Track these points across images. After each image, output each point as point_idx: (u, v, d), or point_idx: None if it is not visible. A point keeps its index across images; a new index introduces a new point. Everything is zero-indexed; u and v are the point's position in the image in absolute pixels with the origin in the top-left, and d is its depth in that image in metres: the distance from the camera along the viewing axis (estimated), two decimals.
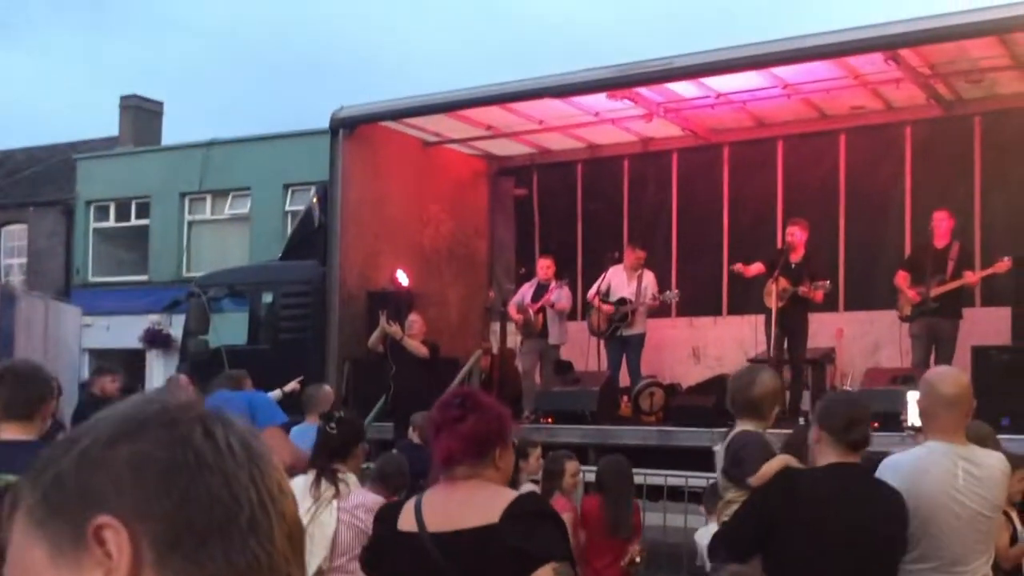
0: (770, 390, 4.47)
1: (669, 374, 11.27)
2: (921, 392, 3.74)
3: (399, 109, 11.51)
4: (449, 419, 2.82)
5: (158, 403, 0.99)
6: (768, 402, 4.45)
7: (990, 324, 9.34)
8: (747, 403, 4.45)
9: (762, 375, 4.62)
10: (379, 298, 11.34)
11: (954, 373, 3.81)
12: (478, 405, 2.85)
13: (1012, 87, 10.09)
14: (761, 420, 4.45)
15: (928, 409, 3.73)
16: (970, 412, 3.84)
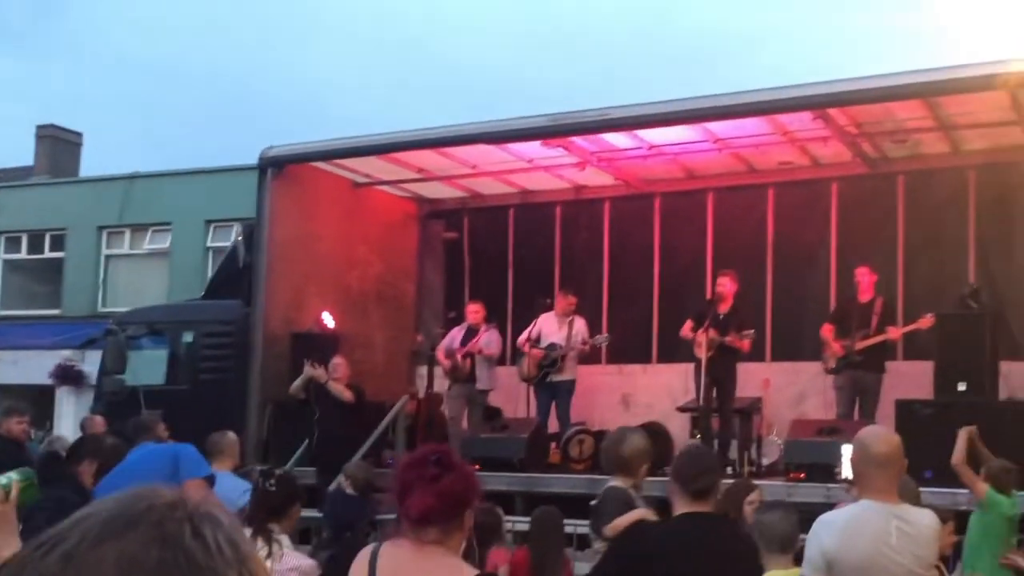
0: (639, 450, 4.97)
1: (599, 421, 11.33)
2: (854, 451, 3.83)
3: (330, 150, 11.51)
4: (424, 477, 2.81)
5: (146, 500, 0.96)
6: (636, 461, 4.94)
7: (913, 378, 9.61)
8: (617, 461, 4.95)
9: (632, 436, 5.16)
10: (304, 340, 11.25)
11: (885, 434, 3.91)
12: (453, 465, 2.86)
13: (935, 148, 10.49)
14: (630, 477, 4.94)
15: (861, 468, 3.81)
16: (902, 471, 3.93)
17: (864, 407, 9.64)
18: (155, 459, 5.08)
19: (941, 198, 10.71)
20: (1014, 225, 10.21)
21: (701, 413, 9.92)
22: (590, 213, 12.48)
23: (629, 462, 4.95)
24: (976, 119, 9.72)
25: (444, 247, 13.36)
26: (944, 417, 8.06)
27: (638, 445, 4.99)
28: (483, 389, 11.31)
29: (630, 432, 5.34)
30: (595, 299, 12.08)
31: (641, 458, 4.97)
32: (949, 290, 9.71)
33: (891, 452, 3.75)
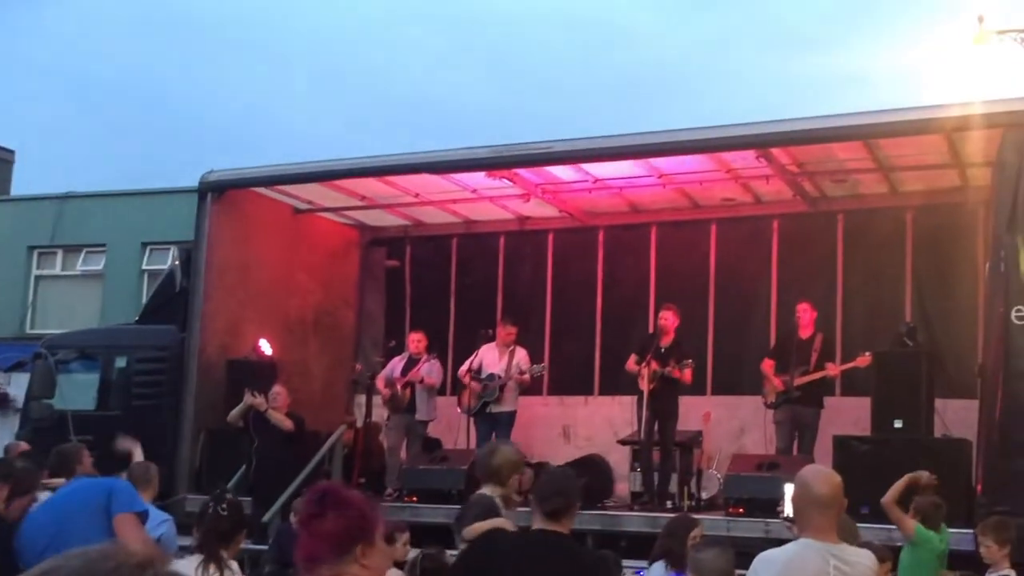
0: (509, 461, 5.35)
1: (539, 453, 11.36)
2: (796, 490, 3.88)
3: (272, 176, 11.48)
4: (308, 516, 2.74)
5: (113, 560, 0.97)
6: (506, 471, 5.30)
7: (850, 413, 9.81)
8: (488, 470, 5.33)
9: (505, 448, 5.60)
10: (240, 367, 11.16)
11: (827, 474, 3.95)
12: (339, 501, 2.76)
13: (874, 188, 10.78)
14: (500, 486, 5.28)
15: (801, 507, 3.86)
16: (842, 511, 3.98)
17: (802, 442, 9.81)
18: (88, 493, 5.01)
19: (879, 237, 10.99)
20: (949, 265, 10.49)
21: (642, 446, 10.01)
22: (534, 244, 12.57)
23: (499, 472, 5.28)
24: (914, 161, 10.02)
25: (386, 275, 13.36)
26: (880, 453, 8.25)
27: (509, 457, 5.37)
28: (423, 420, 11.29)
29: (503, 445, 5.85)
30: (538, 330, 12.15)
31: (511, 469, 5.32)
32: (887, 328, 9.93)
33: (832, 493, 3.81)
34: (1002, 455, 7.69)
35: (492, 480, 5.30)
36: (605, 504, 10.00)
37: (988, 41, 13.09)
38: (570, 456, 11.29)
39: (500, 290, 12.65)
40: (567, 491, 4.29)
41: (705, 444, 10.56)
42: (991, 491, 7.65)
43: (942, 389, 9.39)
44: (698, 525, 6.05)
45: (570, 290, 12.29)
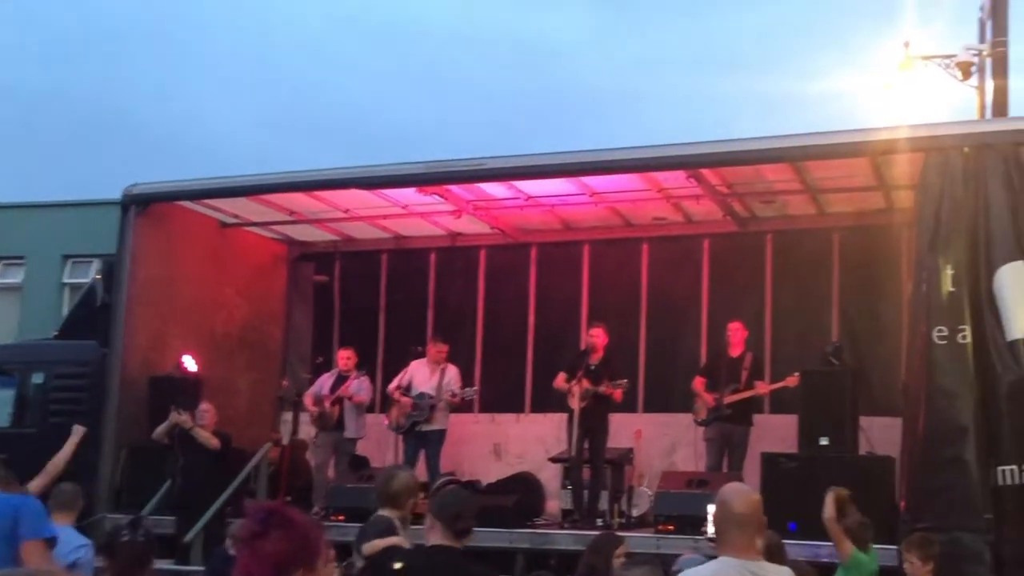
0: (406, 486, 5.69)
1: (469, 471, 11.40)
2: (716, 508, 3.93)
3: (198, 190, 11.39)
4: (249, 535, 2.69)
5: None
6: (404, 496, 5.63)
7: (778, 431, 10.02)
8: (387, 495, 5.65)
9: (400, 474, 5.94)
10: (164, 384, 11.05)
11: (746, 492, 4.01)
12: (283, 521, 2.71)
13: (802, 209, 11.05)
14: (398, 509, 5.60)
15: (721, 525, 3.90)
16: (762, 529, 4.05)
17: (732, 459, 10.00)
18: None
19: (807, 258, 11.26)
20: (875, 285, 10.79)
21: (572, 464, 10.09)
22: (465, 261, 12.63)
23: (397, 497, 5.62)
24: (840, 183, 10.31)
25: (314, 291, 13.31)
26: (807, 470, 8.44)
27: (407, 483, 5.73)
28: (351, 437, 11.25)
29: (399, 470, 6.27)
30: (469, 347, 12.20)
31: (408, 494, 5.67)
32: (815, 346, 10.17)
33: (750, 511, 3.85)
34: (924, 472, 7.91)
35: (390, 504, 5.63)
36: (536, 522, 10.06)
37: (913, 67, 13.50)
38: (501, 474, 11.36)
39: (431, 306, 12.68)
40: (471, 511, 4.60)
41: (636, 461, 10.69)
42: (914, 508, 7.87)
43: (867, 407, 9.64)
44: (623, 543, 6.13)
45: (502, 307, 12.37)
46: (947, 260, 8.03)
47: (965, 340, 7.87)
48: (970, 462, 7.65)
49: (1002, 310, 7.85)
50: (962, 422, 7.74)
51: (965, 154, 8.23)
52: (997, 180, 8.05)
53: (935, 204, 8.21)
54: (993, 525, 7.56)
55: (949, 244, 8.08)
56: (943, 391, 7.88)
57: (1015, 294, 7.82)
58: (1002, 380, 7.76)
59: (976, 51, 12.94)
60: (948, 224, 8.12)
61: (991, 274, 7.93)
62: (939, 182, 8.23)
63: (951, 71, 13.22)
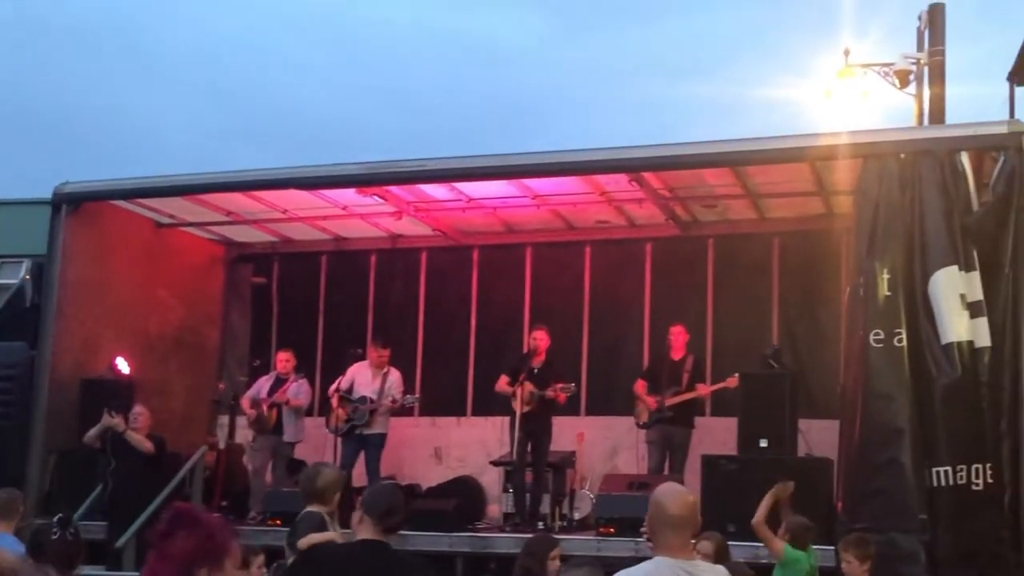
0: (331, 481, 6.02)
1: (409, 474, 11.40)
2: (650, 509, 3.96)
3: (132, 189, 11.25)
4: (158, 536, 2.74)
5: None
6: (330, 491, 5.96)
7: (719, 434, 10.17)
8: (313, 492, 5.96)
9: (325, 470, 6.27)
10: (95, 386, 10.92)
11: (681, 493, 4.05)
12: (190, 522, 2.76)
13: (743, 213, 11.24)
14: (324, 504, 5.93)
15: (656, 527, 3.93)
16: (696, 529, 4.10)
17: (674, 461, 10.12)
18: None
19: (748, 262, 11.44)
20: (814, 289, 10.99)
21: (515, 467, 10.14)
22: (406, 263, 12.63)
23: (323, 493, 5.92)
24: (781, 189, 10.49)
25: (252, 292, 13.20)
26: (746, 472, 8.57)
27: (332, 478, 6.05)
28: (290, 441, 11.19)
29: (323, 467, 6.54)
30: (410, 350, 12.19)
31: (334, 489, 5.99)
32: (756, 350, 10.33)
33: (685, 513, 3.89)
34: (861, 474, 8.07)
35: (317, 500, 5.93)
36: (476, 526, 10.09)
37: (853, 75, 13.76)
38: (442, 478, 11.38)
39: (371, 309, 12.66)
40: (400, 507, 4.77)
41: (578, 464, 10.76)
42: (851, 509, 8.03)
43: (806, 410, 9.83)
44: (557, 545, 6.19)
45: (443, 309, 12.39)
46: (884, 265, 8.20)
47: (901, 344, 8.04)
48: (906, 464, 7.82)
49: (937, 314, 8.04)
50: (898, 424, 7.91)
51: (902, 160, 8.43)
52: (933, 186, 8.25)
53: (872, 210, 8.39)
54: (928, 526, 7.73)
55: (886, 249, 8.25)
56: (879, 394, 8.05)
57: (949, 298, 8.01)
58: (937, 383, 7.94)
59: (914, 59, 13.23)
60: (885, 229, 8.30)
61: (926, 279, 8.12)
62: (876, 188, 8.41)
63: (890, 79, 13.51)
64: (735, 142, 9.46)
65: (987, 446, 7.82)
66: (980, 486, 7.74)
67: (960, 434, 7.86)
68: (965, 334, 7.91)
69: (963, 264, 8.05)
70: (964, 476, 7.76)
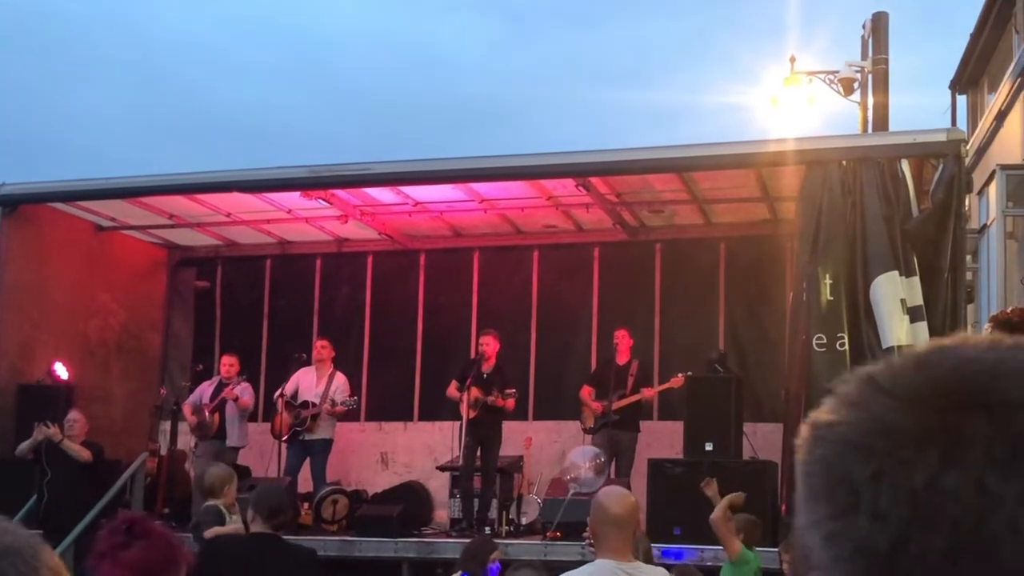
0: (219, 477, 7.06)
1: (355, 480, 11.44)
2: (592, 511, 4.09)
3: (71, 191, 11.17)
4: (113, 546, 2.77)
5: None
6: (219, 485, 6.93)
7: (665, 437, 10.34)
8: (206, 489, 7.05)
9: (212, 469, 7.45)
10: (33, 392, 10.83)
11: (621, 494, 4.17)
12: (146, 532, 2.81)
13: (689, 219, 11.43)
14: (219, 497, 6.90)
15: (597, 528, 4.06)
16: (637, 530, 4.22)
17: (620, 465, 10.25)
18: None
19: (695, 266, 11.63)
20: (760, 294, 11.22)
21: (462, 472, 10.21)
22: (352, 267, 12.64)
23: (213, 488, 6.88)
24: (727, 194, 10.70)
25: (195, 297, 13.14)
26: (692, 476, 8.70)
27: (219, 474, 7.04)
28: (234, 446, 11.17)
29: (211, 466, 7.78)
30: (356, 355, 12.22)
31: (223, 483, 6.93)
32: (702, 354, 10.51)
33: (626, 513, 4.03)
34: None
35: (212, 495, 6.86)
36: (423, 531, 10.15)
37: (799, 82, 14.03)
38: (389, 483, 11.41)
39: (316, 313, 12.65)
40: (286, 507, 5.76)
41: (526, 469, 10.86)
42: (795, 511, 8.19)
43: (751, 413, 10.03)
44: (497, 548, 6.28)
45: (390, 314, 12.42)
46: (826, 269, 8.42)
47: (843, 347, 8.26)
48: None
49: (878, 319, 8.26)
50: None
51: (844, 167, 8.66)
52: (874, 192, 8.48)
53: (815, 215, 8.61)
54: None
55: (828, 254, 8.48)
56: (822, 397, 8.18)
57: (890, 303, 8.24)
58: None
59: (858, 67, 13.53)
60: (827, 234, 8.52)
61: (868, 283, 8.35)
62: (819, 194, 8.63)
63: (835, 86, 13.79)
64: (682, 148, 9.66)
65: None
66: None
67: None
68: (905, 338, 8.13)
69: (903, 269, 8.29)
70: None
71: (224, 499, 6.80)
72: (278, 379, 11.47)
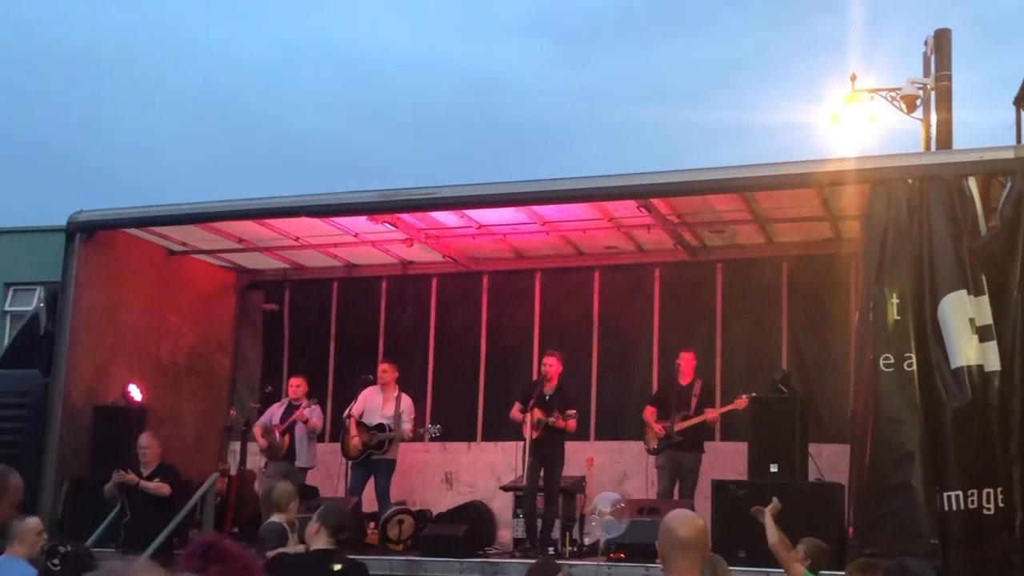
0: (285, 492, 7.11)
1: (420, 500, 11.41)
2: (660, 534, 3.97)
3: (144, 217, 11.32)
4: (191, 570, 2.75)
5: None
6: (285, 501, 6.99)
7: (728, 458, 10.15)
8: (271, 504, 7.02)
9: (278, 485, 7.42)
10: (108, 413, 10.94)
11: (689, 517, 4.07)
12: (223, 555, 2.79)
13: (751, 238, 11.26)
14: (283, 513, 6.94)
15: (665, 551, 3.94)
16: (706, 554, 4.12)
17: (684, 486, 10.10)
18: None
19: (757, 286, 11.45)
20: (823, 314, 11.00)
21: (525, 492, 10.13)
22: (417, 289, 12.66)
23: (279, 503, 6.92)
24: (789, 213, 10.52)
25: (263, 319, 13.24)
26: (757, 497, 8.51)
27: (285, 490, 7.15)
28: (303, 467, 11.21)
29: (278, 483, 7.77)
30: (421, 375, 12.22)
31: (288, 499, 7.01)
32: (765, 374, 10.32)
33: (694, 536, 3.90)
34: (872, 498, 8.05)
35: (275, 510, 6.91)
36: (487, 551, 10.08)
37: (860, 100, 13.82)
38: (452, 503, 11.38)
39: (382, 335, 12.68)
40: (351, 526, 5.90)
41: (588, 489, 10.73)
42: (862, 533, 8.01)
43: (816, 434, 9.81)
44: (560, 570, 6.19)
45: (453, 335, 12.40)
46: (892, 289, 8.22)
47: (911, 368, 8.04)
48: (916, 488, 7.81)
49: (947, 338, 8.04)
50: (908, 449, 7.90)
51: (910, 185, 8.45)
52: (940, 211, 8.27)
53: (881, 234, 8.41)
54: (939, 550, 7.71)
55: (894, 273, 8.27)
56: (890, 418, 8.04)
57: (959, 323, 8.02)
58: (947, 407, 7.94)
59: (921, 85, 13.29)
60: (893, 254, 8.32)
61: (936, 303, 8.13)
62: (884, 213, 8.44)
63: (897, 104, 13.56)
64: (743, 168, 9.50)
65: (998, 470, 7.80)
66: (991, 510, 7.72)
67: (971, 458, 7.84)
68: (975, 358, 7.91)
69: (972, 288, 8.07)
70: (975, 500, 7.75)
71: (287, 515, 6.91)
72: (345, 400, 11.50)
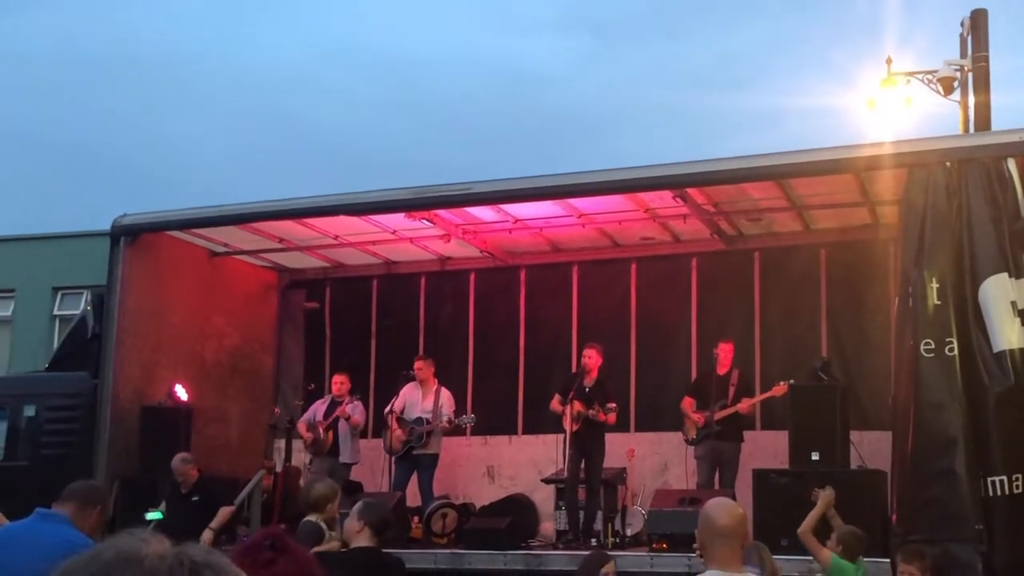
0: (323, 493, 6.83)
1: (463, 494, 11.42)
2: (700, 523, 3.96)
3: (187, 219, 11.40)
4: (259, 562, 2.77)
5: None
6: (323, 501, 6.74)
7: (769, 447, 10.05)
8: (309, 502, 6.86)
9: (317, 484, 7.19)
10: (155, 413, 11.04)
11: (729, 505, 4.04)
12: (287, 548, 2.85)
13: (788, 226, 11.12)
14: (322, 513, 6.72)
15: (705, 540, 3.94)
16: (745, 541, 4.08)
17: (724, 476, 10.02)
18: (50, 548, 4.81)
19: (795, 274, 11.31)
20: (862, 301, 10.84)
21: (567, 484, 10.10)
22: (455, 284, 12.66)
23: (317, 502, 6.72)
24: (826, 200, 10.37)
25: (305, 318, 13.31)
26: (798, 486, 8.44)
27: (323, 490, 6.88)
28: (347, 462, 11.25)
29: (317, 481, 7.55)
30: (460, 370, 12.22)
31: (326, 499, 6.76)
32: (804, 362, 10.21)
33: (734, 524, 3.89)
34: (915, 484, 7.92)
35: (313, 509, 6.75)
36: (530, 544, 10.06)
37: (896, 84, 13.59)
38: (494, 496, 11.37)
39: (422, 331, 12.70)
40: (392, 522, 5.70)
41: (629, 481, 10.69)
42: (906, 520, 7.88)
43: (857, 421, 9.68)
44: (610, 561, 6.17)
45: (492, 330, 12.39)
46: (932, 274, 8.06)
47: (952, 352, 7.89)
48: (960, 474, 7.67)
49: (988, 322, 7.88)
50: (951, 434, 7.76)
51: (948, 169, 8.29)
52: (980, 194, 8.11)
53: (919, 219, 8.26)
54: (984, 536, 7.57)
55: (934, 258, 8.12)
56: (931, 404, 7.90)
57: (1000, 306, 7.86)
58: (990, 391, 7.78)
59: (958, 67, 13.04)
60: (932, 238, 8.16)
61: (976, 287, 7.97)
62: (923, 197, 8.28)
63: (933, 86, 13.32)
64: (779, 155, 9.36)
65: None
66: None
67: (1014, 443, 7.68)
68: (1017, 342, 7.75)
69: (1013, 271, 7.90)
70: (1020, 485, 7.59)
71: (325, 515, 6.78)
72: (387, 396, 11.52)
